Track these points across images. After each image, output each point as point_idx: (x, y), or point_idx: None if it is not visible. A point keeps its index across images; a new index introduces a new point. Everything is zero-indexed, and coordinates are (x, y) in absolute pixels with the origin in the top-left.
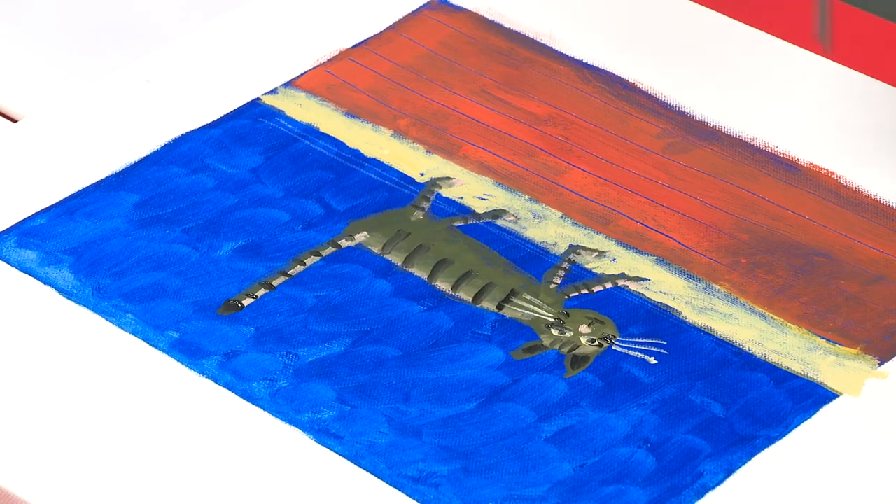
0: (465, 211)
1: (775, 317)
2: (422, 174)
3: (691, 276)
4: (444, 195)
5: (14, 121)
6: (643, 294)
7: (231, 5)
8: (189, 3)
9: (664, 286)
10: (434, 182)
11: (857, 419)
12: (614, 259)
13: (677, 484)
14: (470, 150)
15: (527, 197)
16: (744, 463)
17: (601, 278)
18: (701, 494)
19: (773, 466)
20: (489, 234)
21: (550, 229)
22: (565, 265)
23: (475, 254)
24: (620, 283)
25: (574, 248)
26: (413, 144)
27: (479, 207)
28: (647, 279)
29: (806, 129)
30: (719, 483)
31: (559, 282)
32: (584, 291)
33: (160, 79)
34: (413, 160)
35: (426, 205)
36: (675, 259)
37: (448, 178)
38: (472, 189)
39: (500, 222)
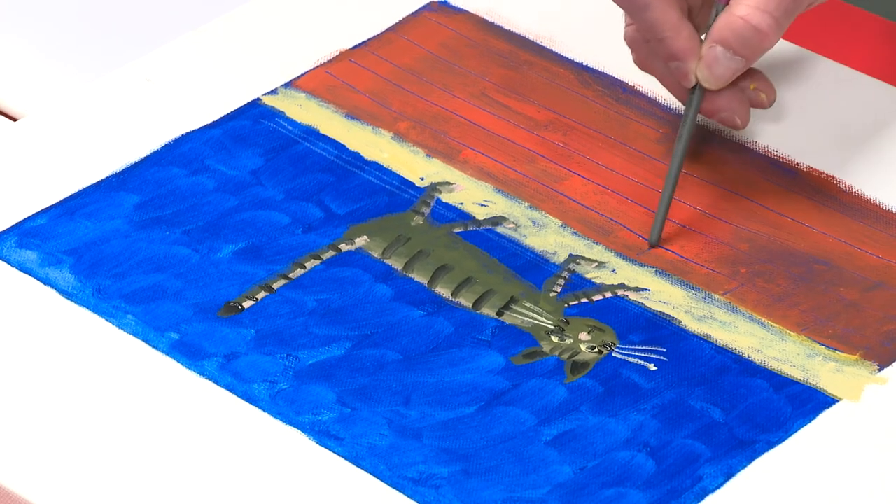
0: (465, 217)
1: (775, 324)
2: (422, 179)
3: (690, 287)
4: (444, 200)
5: (14, 119)
6: (643, 303)
7: (231, 5)
8: (189, 3)
9: (663, 296)
10: (434, 187)
11: (857, 424)
12: (614, 270)
13: (677, 487)
14: (470, 154)
15: (526, 204)
16: (743, 467)
17: (601, 288)
18: (701, 497)
19: (772, 470)
20: (489, 241)
21: (550, 238)
22: (565, 274)
23: (475, 260)
24: (620, 292)
25: (574, 258)
26: (413, 148)
27: (479, 214)
28: (646, 289)
29: (805, 134)
30: (719, 486)
31: (559, 290)
32: (584, 300)
33: (160, 78)
34: (413, 164)
35: (426, 210)
36: (674, 270)
37: (448, 183)
38: (472, 195)
39: (499, 229)
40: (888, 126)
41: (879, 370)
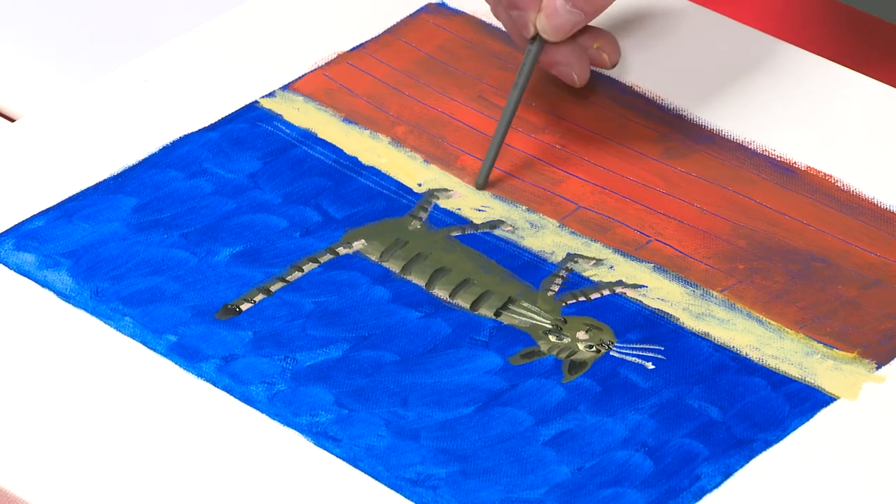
0: (462, 221)
1: (773, 322)
2: (419, 185)
3: (689, 283)
4: (441, 206)
5: (12, 120)
6: (640, 300)
7: (229, 6)
8: (187, 4)
9: (661, 293)
10: (432, 193)
11: (855, 423)
12: (612, 267)
13: (675, 487)
14: (468, 160)
15: (524, 207)
16: (741, 466)
17: (599, 286)
18: (699, 497)
19: (770, 469)
20: (487, 243)
21: (548, 238)
22: (563, 273)
23: (473, 262)
24: (618, 290)
25: (571, 257)
26: (411, 153)
27: (477, 218)
28: (644, 286)
29: (804, 133)
30: (717, 486)
31: (557, 289)
32: (582, 298)
33: (158, 80)
34: (411, 169)
35: (424, 215)
36: (672, 266)
37: (446, 190)
38: (470, 201)
39: (497, 232)
40: (887, 126)
41: (877, 368)
